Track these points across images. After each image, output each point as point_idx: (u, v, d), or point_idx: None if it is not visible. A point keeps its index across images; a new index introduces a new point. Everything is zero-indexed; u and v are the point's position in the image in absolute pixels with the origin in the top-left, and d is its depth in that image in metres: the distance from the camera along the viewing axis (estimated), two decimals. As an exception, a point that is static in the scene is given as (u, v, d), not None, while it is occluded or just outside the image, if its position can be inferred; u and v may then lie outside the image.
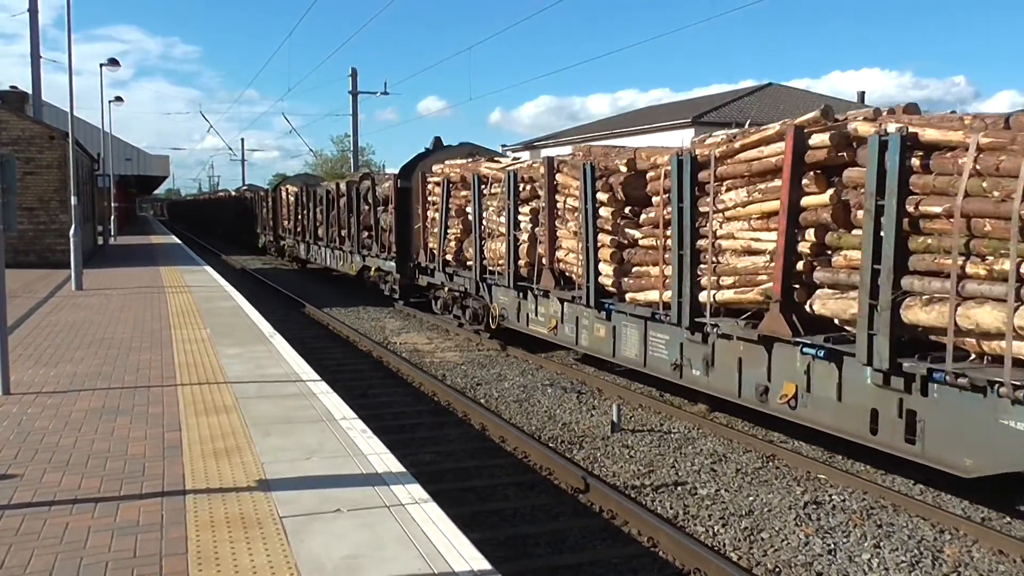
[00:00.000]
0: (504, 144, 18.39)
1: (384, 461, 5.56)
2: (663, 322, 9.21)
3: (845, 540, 6.16)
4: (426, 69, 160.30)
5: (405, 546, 4.19)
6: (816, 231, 7.19)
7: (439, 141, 18.11)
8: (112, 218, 35.66)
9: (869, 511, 6.71)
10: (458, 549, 4.16)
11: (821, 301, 7.17)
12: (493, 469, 7.82)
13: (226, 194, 59.58)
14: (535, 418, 9.67)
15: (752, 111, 35.53)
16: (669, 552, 5.89)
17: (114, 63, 26.61)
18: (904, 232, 6.35)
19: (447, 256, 15.44)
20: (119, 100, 38.27)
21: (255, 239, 38.70)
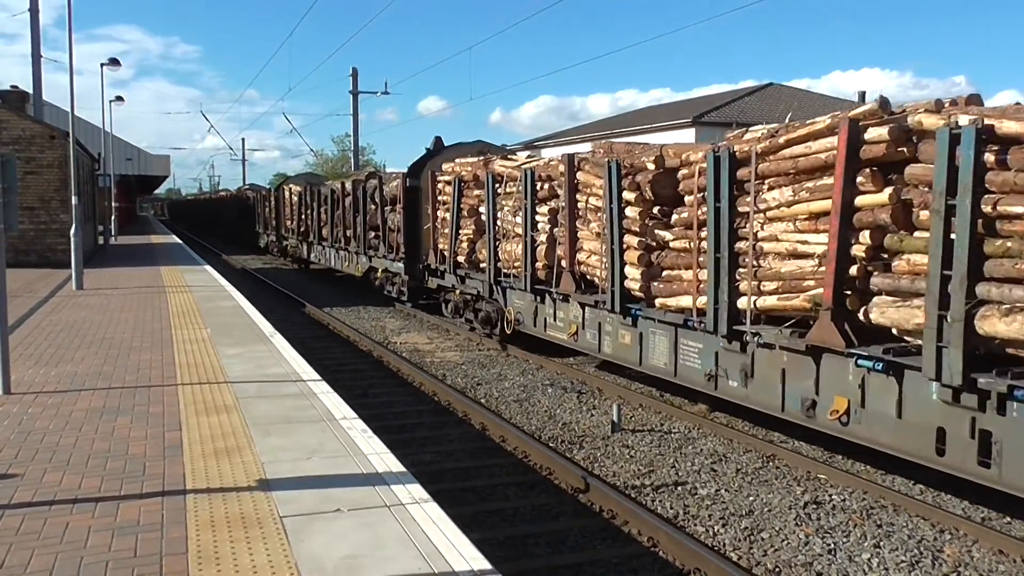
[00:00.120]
0: (505, 144, 18.29)
1: (384, 461, 5.56)
2: (696, 329, 8.66)
3: (845, 540, 6.16)
4: (426, 69, 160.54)
5: (405, 546, 4.19)
6: (872, 233, 6.65)
7: (440, 141, 18.08)
8: (113, 218, 35.66)
9: (869, 511, 6.71)
10: (458, 549, 4.16)
11: (879, 309, 6.58)
12: (493, 469, 7.83)
13: (227, 194, 59.62)
14: (535, 418, 9.68)
15: (752, 111, 35.56)
16: (669, 552, 5.89)
17: (115, 63, 26.60)
18: (979, 235, 5.77)
19: (459, 258, 14.93)
20: (120, 100, 38.29)
21: (256, 239, 38.67)
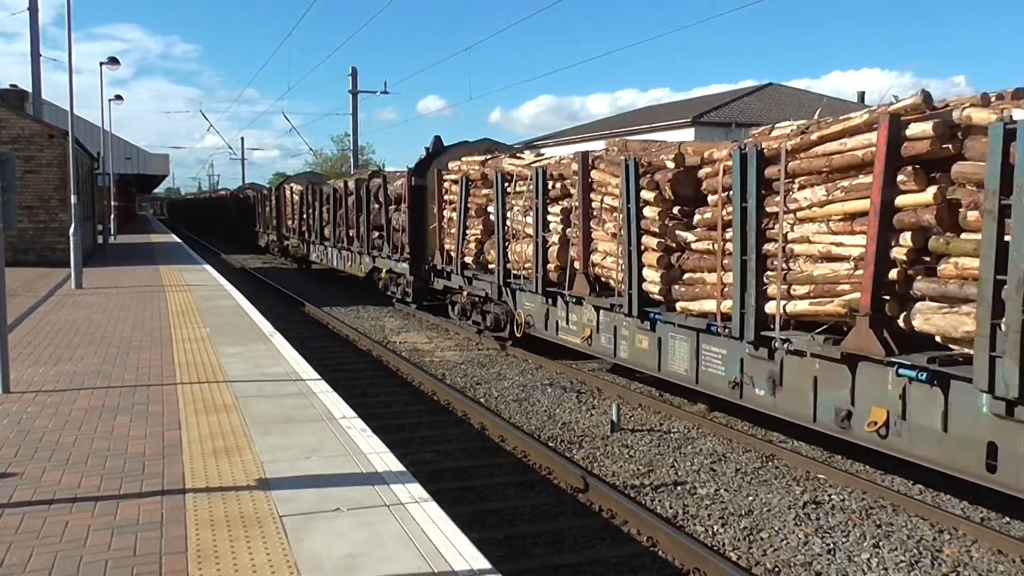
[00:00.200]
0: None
1: (384, 460, 5.56)
2: (720, 335, 8.28)
3: (844, 540, 6.16)
4: (426, 68, 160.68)
5: (405, 545, 4.19)
6: (914, 235, 6.27)
7: (439, 141, 18.07)
8: (112, 217, 35.65)
9: (868, 511, 6.71)
10: (458, 548, 4.16)
11: (923, 316, 6.24)
12: (493, 468, 7.83)
13: (227, 193, 59.57)
14: (535, 417, 9.68)
15: (752, 111, 35.58)
16: (668, 552, 5.89)
17: (114, 62, 26.61)
18: None
19: (466, 258, 14.49)
20: (119, 99, 38.34)
21: (256, 239, 38.62)
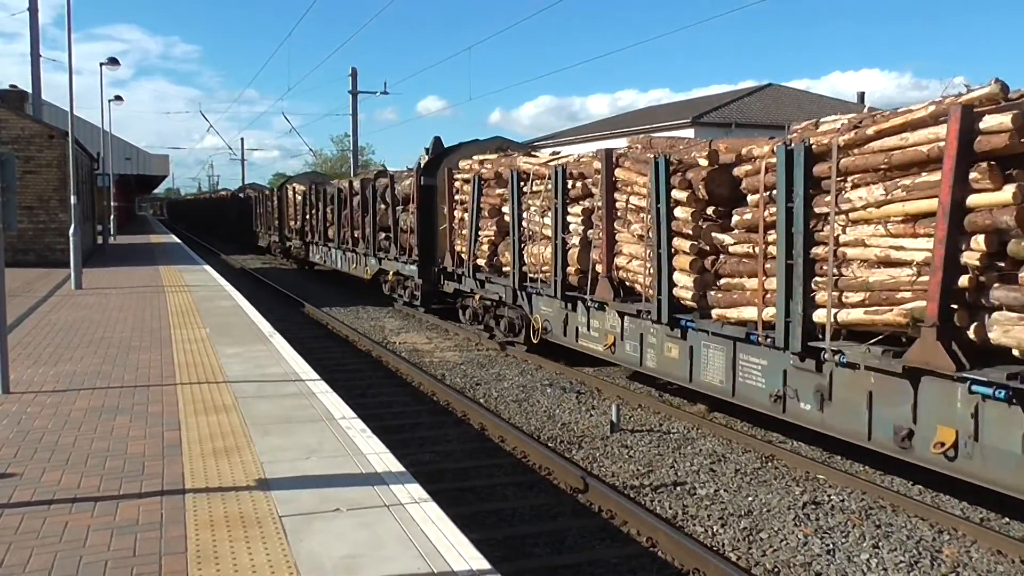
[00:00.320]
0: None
1: (383, 460, 5.57)
2: (761, 345, 7.76)
3: (844, 540, 6.16)
4: (426, 69, 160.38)
5: (404, 545, 4.19)
6: (988, 238, 5.77)
7: (439, 141, 18.07)
8: (111, 217, 35.65)
9: (868, 511, 6.71)
10: (457, 549, 4.16)
11: (1002, 327, 5.76)
12: (492, 469, 7.83)
13: (228, 193, 59.54)
14: (534, 418, 9.68)
15: (752, 111, 35.62)
16: (668, 552, 5.89)
17: (114, 62, 26.63)
18: None
19: (478, 261, 14.03)
20: (119, 99, 38.36)
21: (257, 239, 38.54)
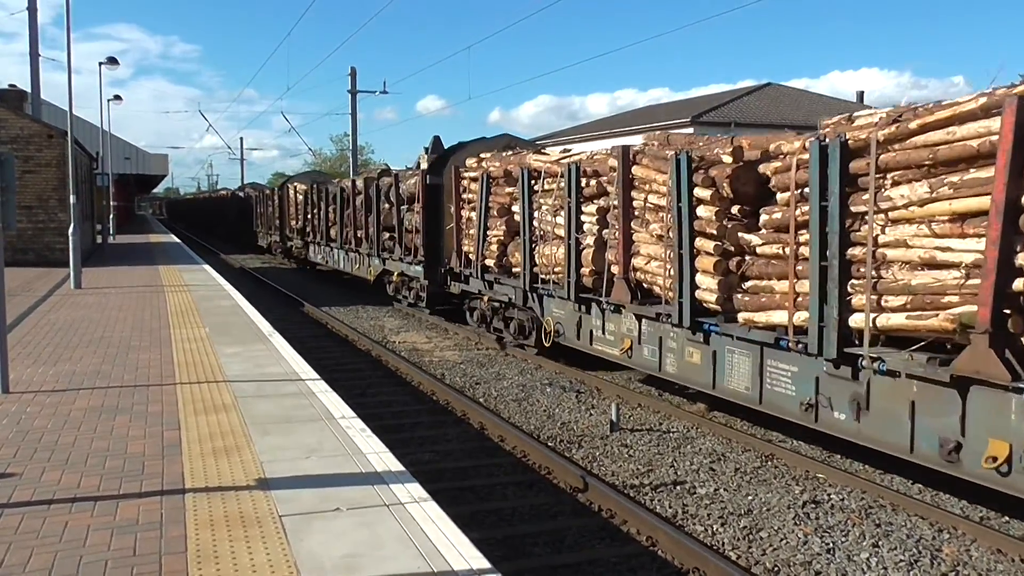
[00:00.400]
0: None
1: (383, 460, 5.57)
2: (791, 350, 7.42)
3: (844, 539, 6.16)
4: (425, 68, 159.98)
5: (404, 545, 4.20)
6: None
7: (438, 140, 18.10)
8: (111, 217, 35.65)
9: (868, 510, 6.71)
10: (457, 548, 4.17)
11: None
12: (492, 468, 7.83)
13: (228, 192, 59.49)
14: (534, 417, 9.68)
15: (751, 111, 35.65)
16: (668, 551, 5.90)
17: (113, 62, 26.63)
18: None
19: (487, 261, 13.62)
20: (118, 99, 38.38)
21: (257, 239, 38.45)
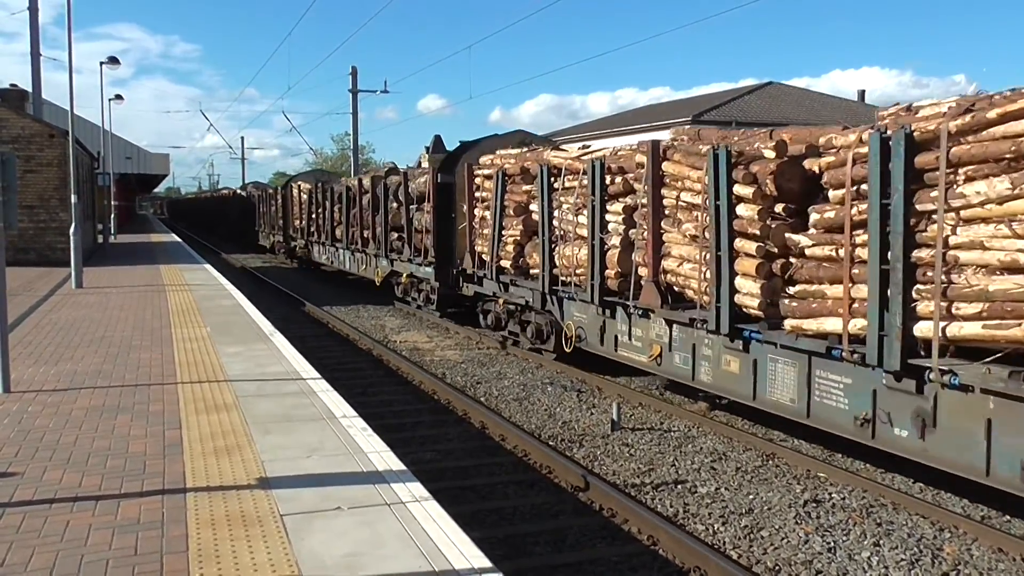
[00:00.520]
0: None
1: (384, 459, 5.57)
2: (845, 360, 6.89)
3: (845, 538, 6.16)
4: (426, 67, 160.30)
5: (406, 544, 4.20)
6: None
7: (439, 140, 18.10)
8: (112, 216, 35.68)
9: (869, 509, 6.71)
10: (459, 547, 4.17)
11: None
12: (493, 467, 7.83)
13: (230, 192, 59.41)
14: (535, 416, 9.68)
15: (752, 110, 35.63)
16: (669, 550, 5.90)
17: (114, 61, 26.62)
18: None
19: (502, 262, 13.16)
20: (119, 98, 38.44)
21: (259, 239, 38.38)
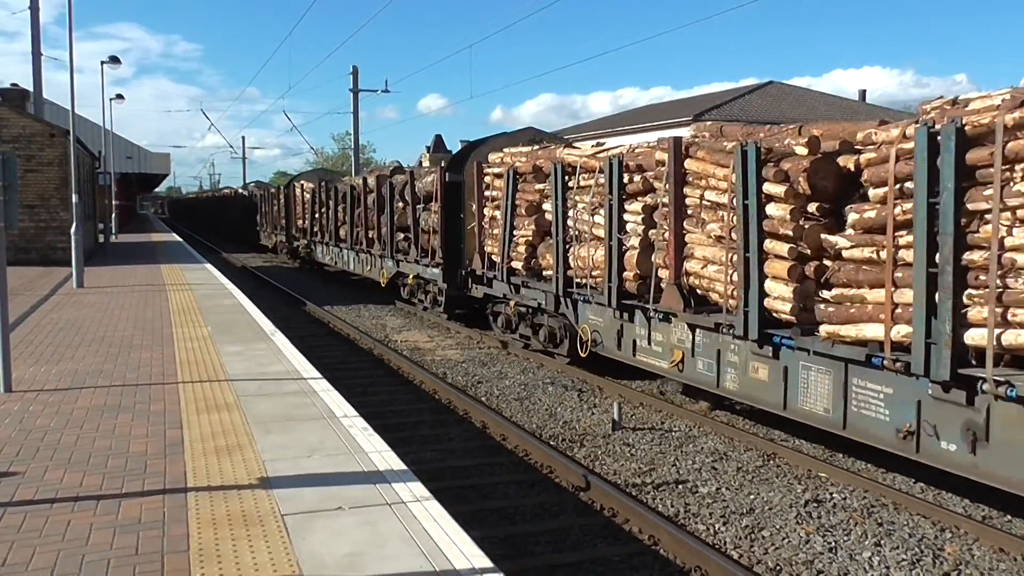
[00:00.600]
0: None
1: (385, 459, 5.57)
2: (885, 369, 6.53)
3: (846, 538, 6.16)
4: (427, 67, 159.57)
5: (407, 543, 4.20)
6: None
7: (440, 139, 18.15)
8: (113, 216, 35.69)
9: (870, 509, 6.71)
10: (459, 547, 4.17)
11: None
12: (494, 467, 7.83)
13: (231, 191, 59.38)
14: (536, 416, 9.68)
15: (753, 109, 35.62)
16: (670, 550, 5.90)
17: (115, 61, 26.60)
18: None
19: (513, 263, 12.75)
20: (120, 98, 38.39)
21: (259, 239, 38.34)
